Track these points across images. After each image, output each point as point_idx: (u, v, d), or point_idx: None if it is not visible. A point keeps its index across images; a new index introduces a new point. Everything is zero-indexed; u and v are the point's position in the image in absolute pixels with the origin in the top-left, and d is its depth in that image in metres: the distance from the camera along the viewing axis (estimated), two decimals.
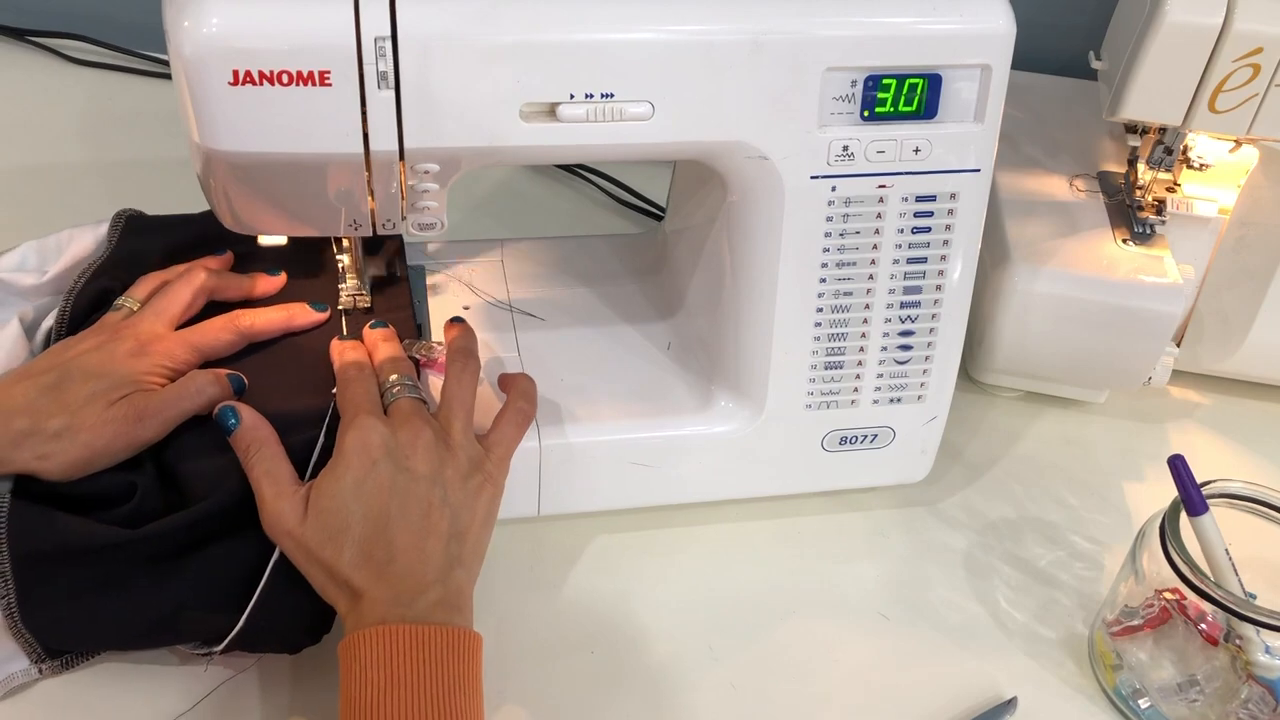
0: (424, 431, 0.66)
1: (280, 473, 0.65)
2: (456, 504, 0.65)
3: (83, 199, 1.01)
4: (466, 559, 0.65)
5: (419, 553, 0.63)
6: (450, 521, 0.64)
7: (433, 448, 0.65)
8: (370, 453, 0.64)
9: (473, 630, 0.62)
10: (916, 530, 0.82)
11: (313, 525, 0.63)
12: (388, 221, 0.67)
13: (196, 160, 0.63)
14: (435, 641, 0.59)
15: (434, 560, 0.63)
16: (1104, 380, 0.90)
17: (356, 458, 0.64)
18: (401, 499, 0.64)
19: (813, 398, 0.76)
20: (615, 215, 1.07)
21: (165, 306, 0.72)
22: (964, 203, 0.71)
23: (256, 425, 0.66)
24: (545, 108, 0.63)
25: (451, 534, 0.64)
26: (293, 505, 0.63)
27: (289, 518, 0.63)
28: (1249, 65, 0.76)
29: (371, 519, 0.63)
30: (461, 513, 0.65)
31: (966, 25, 0.66)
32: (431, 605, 0.61)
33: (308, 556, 0.63)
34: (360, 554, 0.62)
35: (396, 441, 0.65)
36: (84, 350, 0.68)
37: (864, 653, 0.74)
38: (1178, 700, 0.69)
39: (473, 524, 0.66)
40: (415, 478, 0.64)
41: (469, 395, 0.70)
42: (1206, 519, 0.68)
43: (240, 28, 0.58)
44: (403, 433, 0.65)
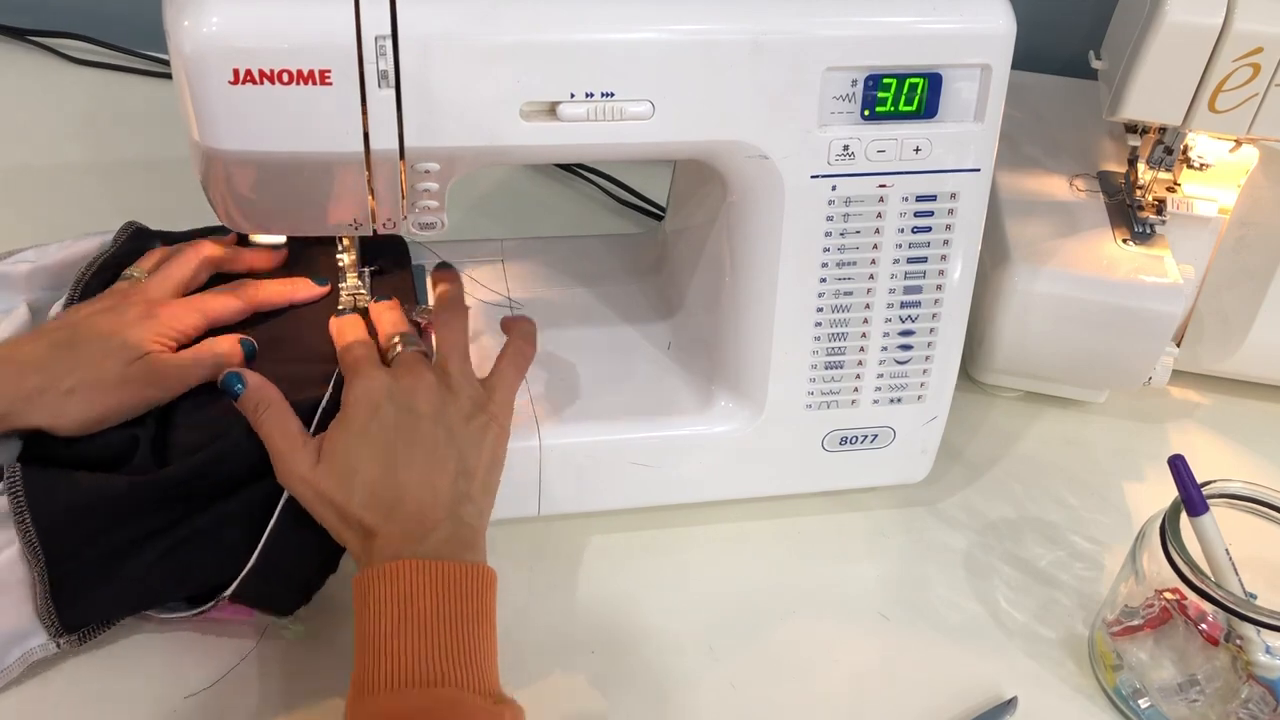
0: (425, 375, 0.68)
1: (290, 427, 0.67)
2: (462, 442, 0.67)
3: (83, 199, 1.01)
4: (475, 495, 0.66)
5: (427, 490, 0.64)
6: (457, 459, 0.66)
7: (434, 389, 0.68)
8: (373, 397, 0.67)
9: (487, 565, 0.64)
10: (916, 530, 0.82)
11: (324, 470, 0.65)
12: (388, 221, 0.67)
13: (196, 160, 0.63)
14: (450, 577, 0.61)
15: (442, 497, 0.64)
16: (1104, 380, 0.90)
17: (361, 405, 0.66)
18: (407, 439, 0.65)
19: (813, 398, 0.76)
20: (615, 215, 1.07)
21: (171, 273, 0.74)
22: (964, 202, 0.71)
23: (261, 386, 0.68)
24: (545, 107, 0.63)
25: (459, 471, 0.66)
26: (305, 454, 0.65)
27: (302, 465, 0.65)
28: (1249, 65, 0.76)
29: (379, 460, 0.65)
30: (468, 451, 0.67)
31: (966, 25, 0.66)
32: (442, 541, 0.63)
33: (321, 500, 0.64)
34: (369, 494, 0.64)
35: (399, 386, 0.67)
36: (95, 312, 0.70)
37: (864, 653, 0.74)
38: (1178, 700, 0.69)
39: (480, 462, 0.67)
40: (419, 417, 0.66)
41: (460, 337, 0.71)
42: (1206, 519, 0.68)
43: (240, 27, 0.58)
44: (404, 378, 0.68)
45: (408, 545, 0.62)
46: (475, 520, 0.66)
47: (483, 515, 0.67)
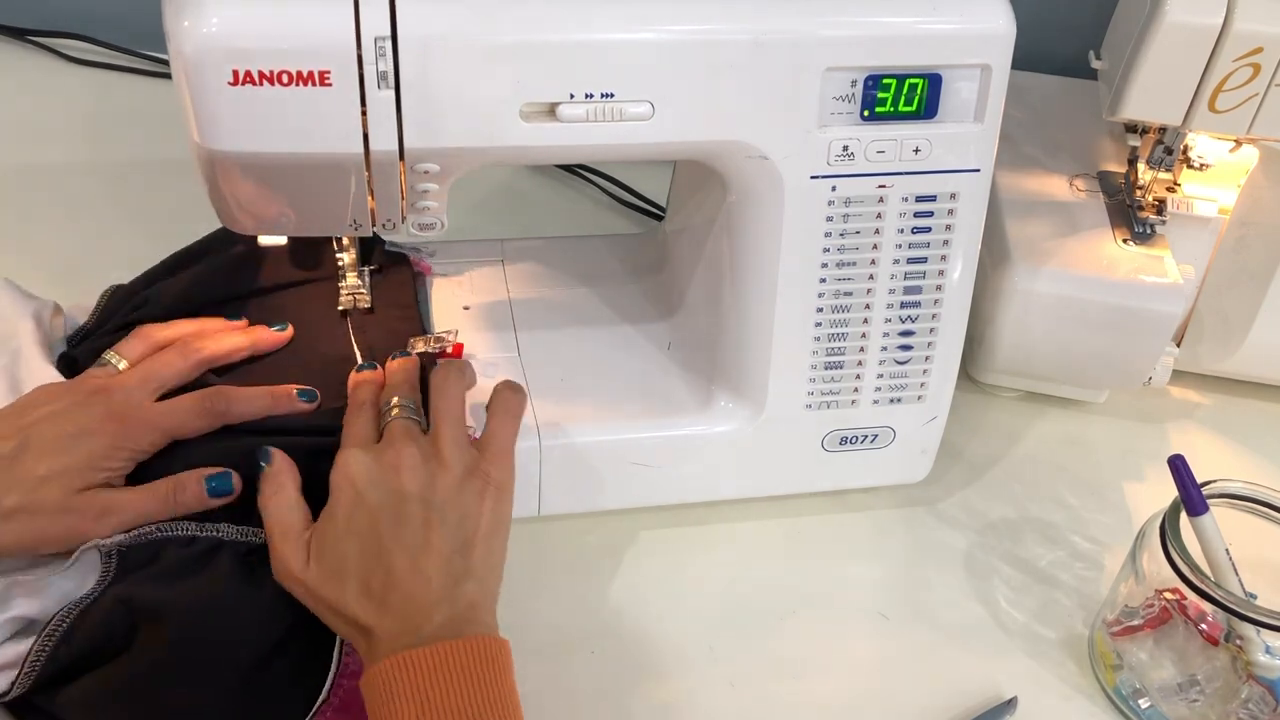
0: (407, 450, 0.64)
1: (292, 519, 0.64)
2: (455, 517, 0.63)
3: (83, 199, 1.01)
4: (477, 570, 0.63)
5: (419, 575, 0.61)
6: (449, 537, 0.62)
7: (419, 465, 0.64)
8: (355, 484, 0.63)
9: (495, 636, 0.61)
10: (916, 530, 0.82)
11: (314, 568, 0.62)
12: (388, 221, 0.67)
13: (197, 160, 0.63)
14: (458, 656, 0.58)
15: (435, 582, 0.61)
16: (1104, 380, 0.90)
17: (343, 492, 0.63)
18: (393, 524, 0.62)
19: (813, 398, 0.76)
20: (615, 215, 1.06)
21: (153, 374, 0.69)
22: (964, 203, 0.71)
23: (281, 470, 0.65)
24: (545, 108, 0.63)
25: (454, 549, 0.62)
26: (296, 550, 0.62)
27: (293, 562, 0.62)
28: (1249, 65, 0.76)
29: (367, 552, 0.61)
30: (463, 524, 0.63)
31: (966, 25, 0.66)
32: (440, 626, 0.59)
33: (315, 600, 0.62)
34: (361, 588, 0.61)
35: (380, 467, 0.64)
36: (50, 415, 0.64)
37: (864, 653, 0.74)
38: (1178, 700, 0.69)
39: (477, 533, 0.63)
40: (404, 499, 0.63)
41: (456, 405, 0.68)
42: (1206, 519, 0.68)
43: (240, 28, 0.58)
44: (386, 456, 0.64)
45: (405, 638, 0.58)
46: (477, 595, 0.62)
47: (485, 587, 0.63)
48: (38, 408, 0.65)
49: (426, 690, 0.57)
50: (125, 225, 0.97)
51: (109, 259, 0.81)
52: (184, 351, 0.70)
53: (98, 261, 0.81)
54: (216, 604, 0.62)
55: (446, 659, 0.58)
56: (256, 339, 0.74)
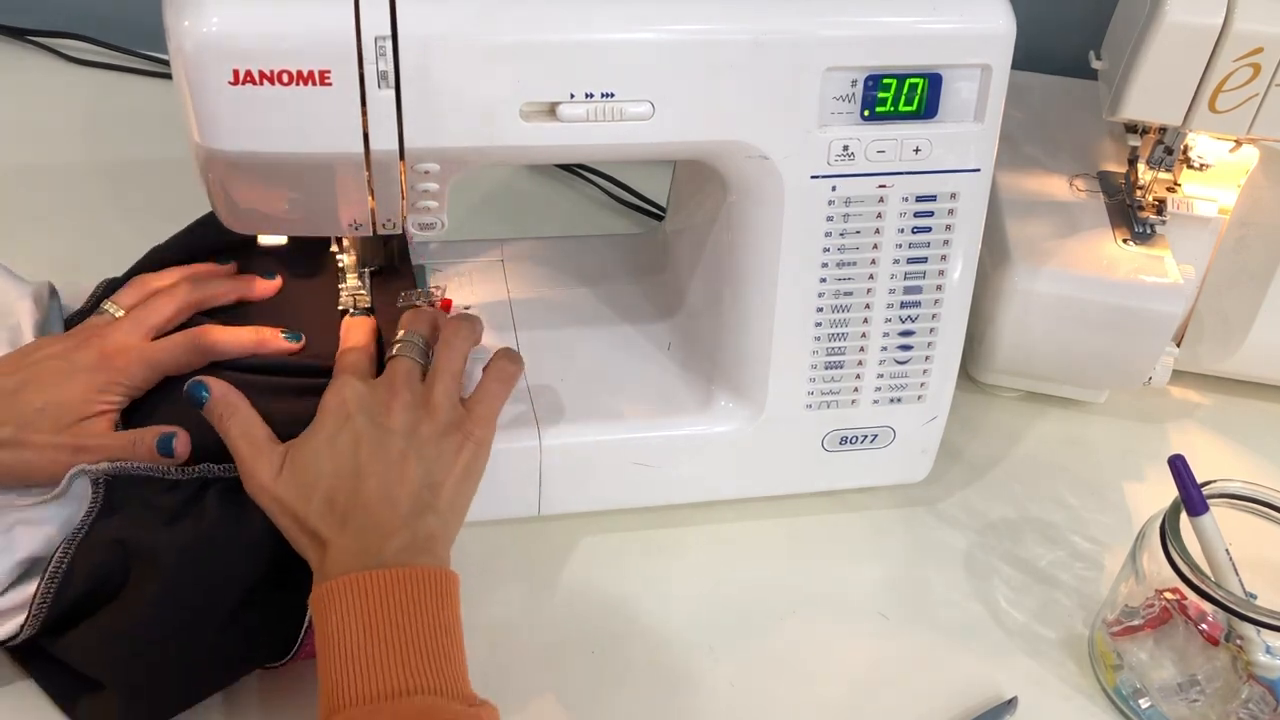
0: (401, 392, 0.67)
1: (256, 433, 0.66)
2: (431, 459, 0.65)
3: (83, 199, 1.01)
4: (440, 508, 0.65)
5: (386, 501, 0.63)
6: (423, 473, 0.65)
7: (409, 407, 0.66)
8: (345, 408, 0.66)
9: (448, 569, 0.62)
10: (916, 530, 0.82)
11: (286, 479, 0.64)
12: (388, 221, 0.67)
13: (197, 160, 0.63)
14: (411, 583, 0.59)
15: (401, 506, 0.63)
16: (1104, 380, 0.90)
17: (331, 414, 0.66)
18: (371, 450, 0.64)
19: (813, 398, 0.76)
20: (615, 215, 1.06)
21: (145, 317, 0.72)
22: (964, 203, 0.71)
23: (227, 393, 0.67)
24: (545, 108, 0.63)
25: (424, 483, 0.64)
26: (269, 461, 0.65)
27: (264, 473, 0.64)
28: (1249, 65, 0.76)
29: (341, 471, 0.64)
30: (436, 466, 0.65)
31: (966, 25, 0.66)
32: (399, 550, 0.61)
33: (281, 509, 0.64)
34: (327, 504, 0.63)
35: (373, 399, 0.67)
36: (49, 355, 0.69)
37: (864, 653, 0.74)
38: (1178, 700, 0.69)
39: (449, 477, 0.66)
40: (388, 432, 0.65)
41: (458, 360, 0.70)
42: (1207, 519, 0.68)
43: (240, 27, 0.58)
44: (380, 391, 0.67)
45: (362, 556, 0.60)
46: (437, 530, 0.64)
47: (447, 525, 0.65)
48: (40, 349, 0.70)
49: (377, 611, 0.58)
50: (125, 225, 0.97)
51: (109, 259, 0.81)
52: (175, 296, 0.74)
53: (98, 261, 0.81)
54: (207, 544, 0.64)
55: (401, 583, 0.59)
56: (245, 285, 0.77)
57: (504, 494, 0.75)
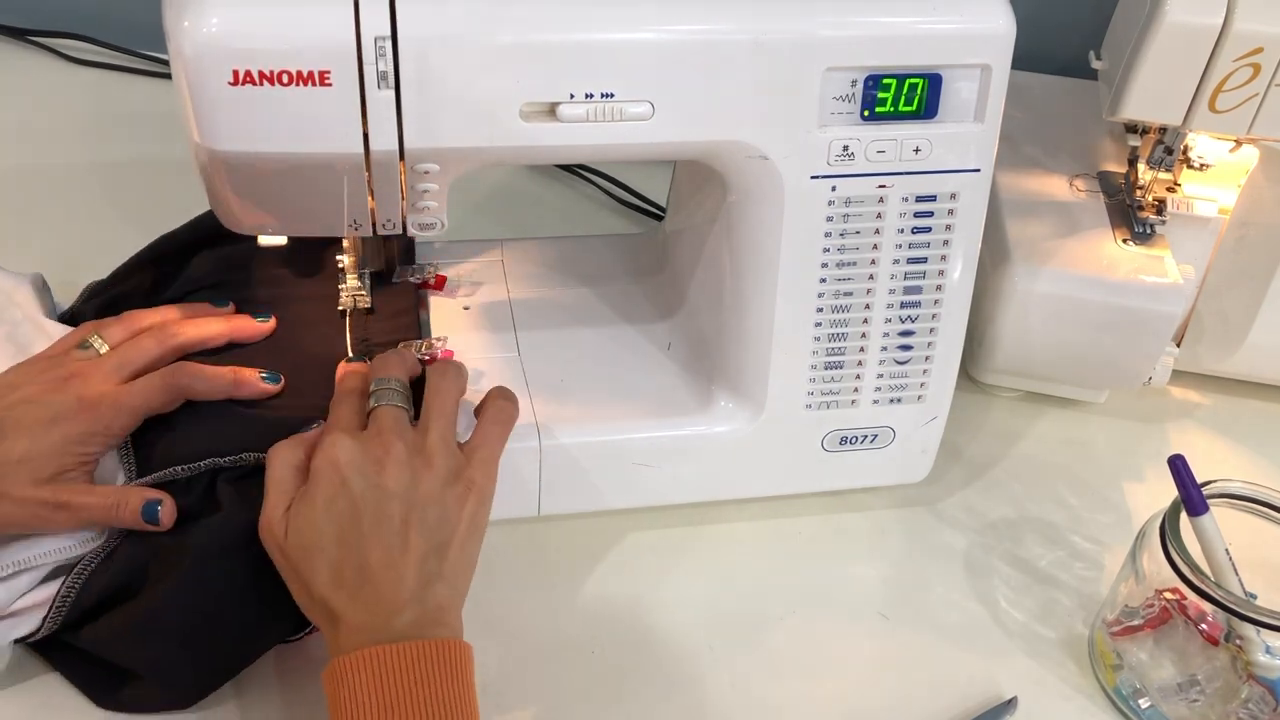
0: (394, 446, 0.64)
1: (286, 481, 0.64)
2: (434, 519, 0.63)
3: (83, 199, 1.01)
4: (448, 574, 0.63)
5: (392, 573, 0.61)
6: (426, 537, 0.63)
7: (404, 462, 0.64)
8: (339, 470, 0.63)
9: (460, 640, 0.61)
10: (916, 530, 0.82)
11: (292, 542, 0.62)
12: (388, 221, 0.67)
13: (197, 160, 0.63)
14: (424, 657, 0.58)
15: (408, 581, 0.61)
16: (1104, 380, 0.90)
17: (325, 477, 0.63)
18: (373, 518, 0.62)
19: (813, 398, 0.76)
20: (615, 215, 1.07)
21: (128, 360, 0.70)
22: (964, 203, 0.71)
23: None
24: (545, 108, 0.63)
25: (429, 550, 0.62)
26: (283, 518, 0.63)
27: (278, 530, 0.63)
28: (1249, 65, 0.76)
29: (343, 541, 0.62)
30: (440, 527, 0.63)
31: (966, 25, 0.66)
32: (409, 624, 0.60)
33: (292, 571, 0.63)
34: (333, 575, 0.61)
35: (365, 458, 0.64)
36: (24, 399, 0.66)
37: (864, 653, 0.74)
38: (1178, 700, 0.69)
39: (454, 536, 0.64)
40: (386, 495, 0.63)
41: (450, 403, 0.68)
42: (1206, 519, 0.68)
43: (240, 28, 0.58)
44: (373, 447, 0.64)
45: (373, 633, 0.59)
46: (446, 598, 0.62)
47: (455, 590, 0.63)
48: (15, 390, 0.67)
49: (389, 688, 0.57)
50: (125, 225, 0.97)
51: (108, 259, 0.81)
52: (160, 337, 0.72)
53: (98, 261, 0.81)
54: (220, 531, 0.65)
55: (412, 659, 0.58)
56: (236, 327, 0.75)
57: (504, 494, 0.75)
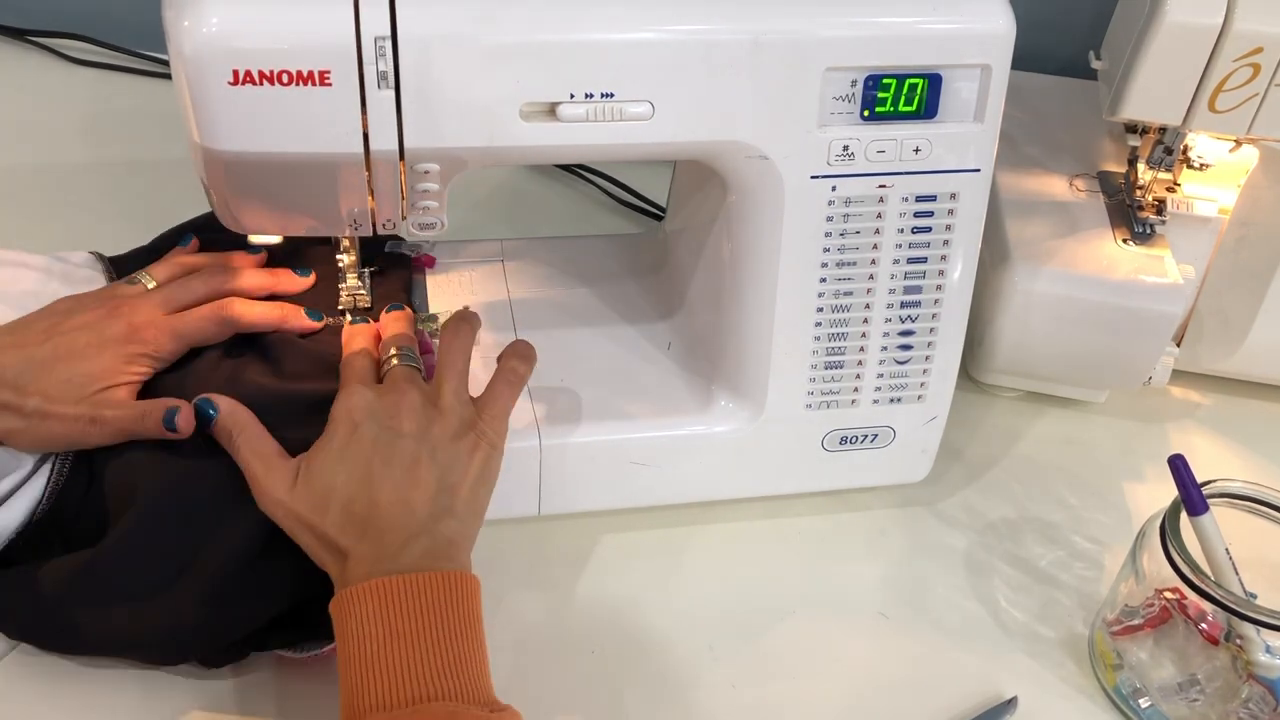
0: (410, 393, 0.67)
1: (266, 449, 0.66)
2: (445, 461, 0.65)
3: (83, 199, 1.01)
4: (458, 510, 0.64)
5: (403, 505, 0.63)
6: (438, 476, 0.64)
7: (419, 409, 0.66)
8: (354, 416, 0.65)
9: (469, 573, 0.62)
10: (916, 530, 0.82)
11: (300, 492, 0.64)
12: (388, 221, 0.67)
13: (197, 160, 0.63)
14: (431, 588, 0.59)
15: (419, 511, 0.63)
16: (1104, 380, 0.90)
17: (341, 424, 0.65)
18: (384, 457, 0.64)
19: (813, 398, 0.76)
20: (615, 215, 1.07)
21: (175, 297, 0.72)
22: (964, 203, 0.71)
23: (234, 410, 0.67)
24: (545, 108, 0.63)
25: (440, 487, 0.64)
26: (281, 476, 0.64)
27: (278, 487, 0.64)
28: (1249, 65, 0.76)
29: (355, 480, 0.63)
30: (452, 468, 0.65)
31: (966, 25, 0.66)
32: (419, 555, 0.61)
33: (297, 523, 0.63)
34: (344, 514, 0.62)
35: (381, 405, 0.66)
36: (79, 325, 0.69)
37: (864, 653, 0.74)
38: (1178, 700, 0.69)
39: (465, 479, 0.65)
40: (399, 436, 0.65)
41: (461, 359, 0.70)
42: (1206, 519, 0.68)
43: (240, 28, 0.58)
44: (388, 396, 0.67)
45: (382, 563, 0.60)
46: (456, 534, 0.64)
47: (466, 529, 0.65)
48: (71, 316, 0.69)
49: (398, 616, 0.58)
50: (125, 225, 0.96)
51: None
52: (208, 279, 0.74)
53: None
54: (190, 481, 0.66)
55: (421, 588, 0.59)
56: (279, 279, 0.77)
57: (504, 494, 0.75)
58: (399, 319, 0.74)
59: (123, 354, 0.68)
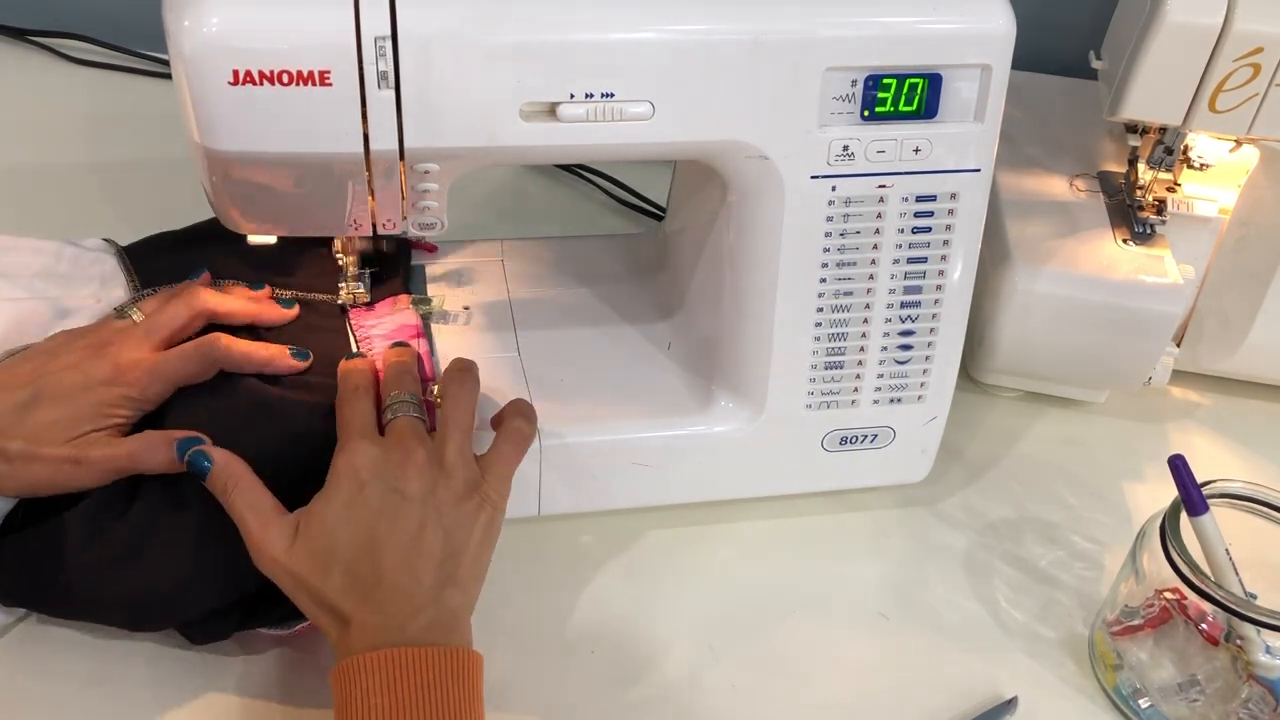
0: (416, 452, 0.65)
1: (262, 503, 0.63)
2: (450, 525, 0.64)
3: (83, 199, 1.01)
4: (462, 579, 0.63)
5: (409, 574, 0.61)
6: (443, 543, 0.63)
7: (425, 469, 0.64)
8: (359, 475, 0.63)
9: (472, 649, 0.61)
10: (916, 530, 0.82)
11: (300, 551, 0.62)
12: (388, 221, 0.67)
13: (197, 160, 0.63)
14: (437, 663, 0.59)
15: (425, 581, 0.62)
16: (1104, 380, 0.90)
17: (345, 480, 0.63)
18: (390, 520, 0.62)
19: (813, 398, 0.76)
20: (615, 215, 1.07)
21: (158, 326, 0.71)
22: (964, 203, 0.71)
23: (229, 463, 0.64)
24: (545, 108, 0.63)
25: (445, 554, 0.63)
26: (279, 532, 0.62)
27: (275, 545, 0.62)
28: (1249, 65, 0.76)
29: (359, 542, 0.62)
30: (456, 533, 0.64)
31: (966, 25, 0.66)
32: (424, 628, 0.60)
33: (295, 583, 0.62)
34: (347, 578, 0.61)
35: (387, 462, 0.64)
36: (63, 366, 0.67)
37: (864, 653, 0.74)
38: (1178, 700, 0.69)
39: (468, 545, 0.64)
40: (406, 498, 0.63)
41: (466, 416, 0.68)
42: (1206, 519, 0.68)
43: (240, 27, 0.58)
44: (394, 453, 0.64)
45: (388, 634, 0.59)
46: (459, 605, 0.63)
47: (468, 597, 0.64)
48: (57, 357, 0.68)
49: (402, 691, 0.58)
50: (125, 225, 0.97)
51: None
52: (189, 301, 0.73)
53: None
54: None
55: (428, 663, 0.58)
56: (261, 309, 0.76)
57: None
58: (402, 361, 0.72)
59: (107, 397, 0.67)
